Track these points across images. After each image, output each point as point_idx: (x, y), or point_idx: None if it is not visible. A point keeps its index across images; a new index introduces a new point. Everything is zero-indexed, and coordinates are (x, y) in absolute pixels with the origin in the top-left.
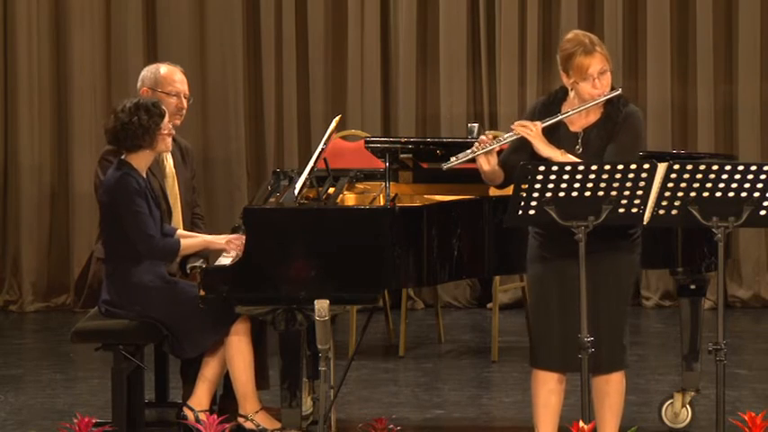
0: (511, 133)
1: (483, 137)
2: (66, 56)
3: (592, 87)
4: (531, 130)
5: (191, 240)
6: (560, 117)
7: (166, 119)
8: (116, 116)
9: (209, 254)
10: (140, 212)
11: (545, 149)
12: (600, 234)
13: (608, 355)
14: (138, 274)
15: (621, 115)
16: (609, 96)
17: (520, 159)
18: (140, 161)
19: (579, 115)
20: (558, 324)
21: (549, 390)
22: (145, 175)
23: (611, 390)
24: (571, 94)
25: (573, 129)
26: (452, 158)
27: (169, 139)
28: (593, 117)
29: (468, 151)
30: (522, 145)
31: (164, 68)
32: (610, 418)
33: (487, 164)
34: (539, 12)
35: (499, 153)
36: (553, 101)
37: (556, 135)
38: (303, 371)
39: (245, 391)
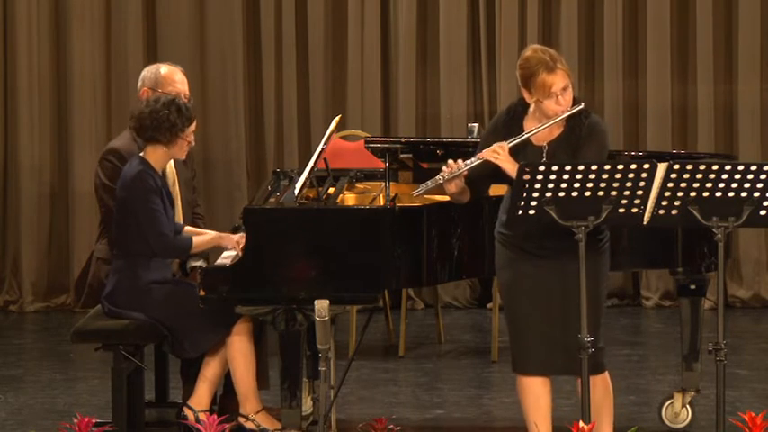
0: (477, 157)
1: (450, 161)
2: (67, 56)
3: (555, 104)
4: (499, 154)
5: (201, 238)
6: (526, 135)
7: (193, 127)
8: (148, 103)
9: (209, 254)
10: (156, 210)
11: (514, 171)
12: (568, 238)
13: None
14: (144, 272)
15: (585, 128)
16: (573, 112)
17: (485, 177)
18: (157, 159)
19: (543, 130)
20: (535, 328)
21: (535, 396)
22: (161, 173)
23: (597, 391)
24: (532, 107)
25: (537, 143)
26: (422, 186)
27: (187, 149)
28: (557, 131)
29: (438, 177)
30: (488, 165)
31: (164, 68)
32: (603, 419)
33: (455, 187)
34: (539, 12)
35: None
36: (513, 116)
37: (522, 150)
38: (303, 371)
39: (247, 391)
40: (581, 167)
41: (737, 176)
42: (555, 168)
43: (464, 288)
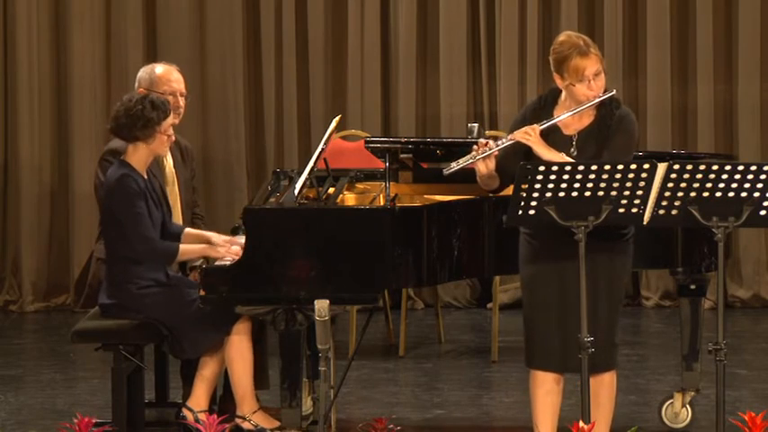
0: (508, 138)
1: (482, 140)
2: (67, 56)
3: (587, 89)
4: (531, 136)
5: (190, 247)
6: (557, 120)
7: (170, 120)
8: (122, 103)
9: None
10: (139, 214)
11: (546, 153)
12: (595, 235)
13: (601, 356)
14: (137, 275)
15: (615, 118)
16: (605, 97)
17: (514, 164)
18: (139, 160)
19: (573, 118)
20: (554, 324)
21: (546, 390)
22: (145, 176)
23: (604, 389)
24: (562, 96)
25: (567, 132)
26: (453, 164)
27: (167, 143)
28: (587, 120)
29: (468, 156)
30: (519, 150)
31: (159, 68)
32: (602, 416)
33: (485, 168)
34: (539, 12)
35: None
36: (544, 105)
37: (550, 139)
38: (303, 371)
39: (244, 392)
40: (581, 167)
41: (737, 176)
42: (555, 168)
43: (464, 288)
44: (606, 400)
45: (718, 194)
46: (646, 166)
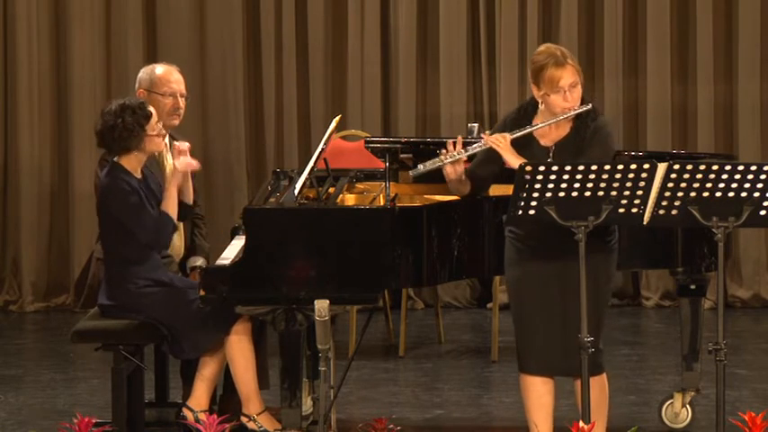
0: (480, 143)
1: (449, 145)
2: (67, 56)
3: (563, 100)
4: (501, 143)
5: (168, 200)
6: (530, 129)
7: (154, 120)
8: (102, 118)
9: (209, 254)
10: (135, 205)
11: (515, 161)
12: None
13: (589, 360)
14: (135, 275)
15: (590, 129)
16: (580, 111)
17: (488, 171)
18: (132, 163)
19: (550, 129)
20: (539, 328)
21: (538, 393)
22: (139, 175)
23: (595, 394)
24: (541, 107)
25: (543, 143)
26: (420, 166)
27: (159, 140)
28: (564, 131)
29: (436, 159)
30: (492, 157)
31: (159, 69)
32: (597, 420)
33: (454, 173)
34: (539, 12)
35: (467, 161)
36: (523, 115)
37: (528, 149)
38: (303, 371)
39: (249, 392)
40: (581, 167)
41: (737, 176)
42: (555, 168)
43: (464, 288)
44: (597, 404)
45: (718, 194)
46: (646, 166)
